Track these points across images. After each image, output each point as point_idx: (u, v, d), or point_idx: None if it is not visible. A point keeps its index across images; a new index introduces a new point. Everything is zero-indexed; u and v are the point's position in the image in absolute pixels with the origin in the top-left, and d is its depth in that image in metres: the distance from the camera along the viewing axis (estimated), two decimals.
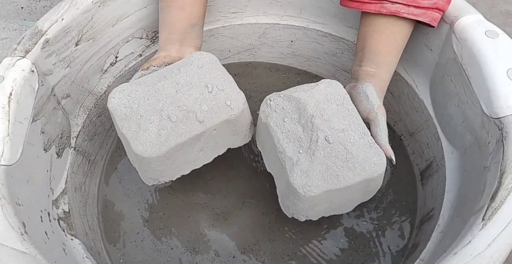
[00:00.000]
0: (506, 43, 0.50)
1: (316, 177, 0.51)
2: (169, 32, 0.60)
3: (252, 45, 0.80)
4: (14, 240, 0.41)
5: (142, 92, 0.54)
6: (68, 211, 0.58)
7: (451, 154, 0.59)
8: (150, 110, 0.53)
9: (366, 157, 0.52)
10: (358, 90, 0.57)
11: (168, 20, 0.60)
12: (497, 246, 0.39)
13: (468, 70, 0.52)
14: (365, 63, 0.58)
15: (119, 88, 0.55)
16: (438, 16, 0.55)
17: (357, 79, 0.59)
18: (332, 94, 0.55)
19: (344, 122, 0.54)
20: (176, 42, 0.60)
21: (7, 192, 0.45)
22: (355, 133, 0.53)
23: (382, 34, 0.57)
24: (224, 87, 0.55)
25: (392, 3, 0.54)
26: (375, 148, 0.53)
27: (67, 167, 0.61)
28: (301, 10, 0.74)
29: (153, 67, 0.59)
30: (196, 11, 0.60)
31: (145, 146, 0.52)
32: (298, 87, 0.57)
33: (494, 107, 0.47)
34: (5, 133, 0.47)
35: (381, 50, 0.57)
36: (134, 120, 0.53)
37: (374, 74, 0.57)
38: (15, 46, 0.54)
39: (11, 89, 0.49)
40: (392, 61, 0.58)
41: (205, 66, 0.56)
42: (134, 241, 0.65)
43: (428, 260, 0.52)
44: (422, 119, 0.66)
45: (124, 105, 0.53)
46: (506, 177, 0.43)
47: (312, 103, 0.54)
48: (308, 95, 0.55)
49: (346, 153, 0.52)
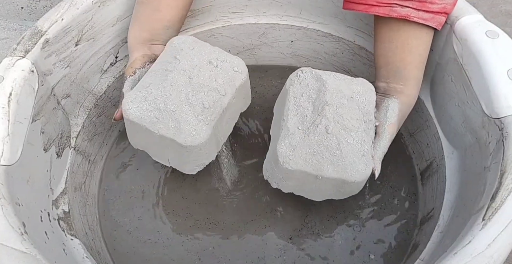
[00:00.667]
0: (507, 43, 0.50)
1: (299, 155, 0.53)
2: (139, 29, 0.59)
3: (252, 45, 0.80)
4: (14, 240, 0.41)
5: (158, 91, 0.54)
6: (68, 211, 0.58)
7: (451, 154, 0.59)
8: (178, 103, 0.54)
9: (353, 161, 0.53)
10: (383, 103, 0.58)
11: (140, 18, 0.59)
12: (497, 246, 0.39)
13: (468, 70, 0.52)
14: (392, 80, 0.58)
15: (129, 98, 0.55)
16: (443, 20, 0.55)
17: (384, 94, 0.59)
18: (360, 94, 0.57)
19: (354, 124, 0.55)
20: (146, 41, 0.60)
21: (7, 192, 0.45)
22: (357, 137, 0.54)
23: (406, 49, 0.56)
24: (223, 57, 0.58)
25: (402, 7, 0.53)
26: (366, 158, 0.54)
27: (67, 167, 0.61)
28: (301, 10, 0.74)
29: (138, 69, 0.59)
30: (172, 14, 0.59)
31: (193, 136, 0.54)
32: (335, 73, 0.58)
33: (495, 107, 0.47)
34: (5, 133, 0.47)
35: (407, 66, 0.57)
36: (169, 118, 0.54)
37: (402, 90, 0.58)
38: (15, 46, 0.54)
39: (11, 89, 0.49)
40: (419, 75, 0.58)
41: (195, 46, 0.58)
42: (134, 241, 0.65)
43: (428, 260, 0.52)
44: (422, 119, 0.66)
45: (148, 109, 0.54)
46: (506, 177, 0.43)
47: (334, 92, 0.56)
48: (336, 84, 0.56)
49: (337, 149, 0.53)
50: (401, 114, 0.58)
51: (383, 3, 0.54)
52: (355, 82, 0.57)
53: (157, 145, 0.57)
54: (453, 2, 0.54)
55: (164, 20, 0.59)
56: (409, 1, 0.53)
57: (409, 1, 0.53)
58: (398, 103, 0.57)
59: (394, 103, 0.57)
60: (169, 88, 0.55)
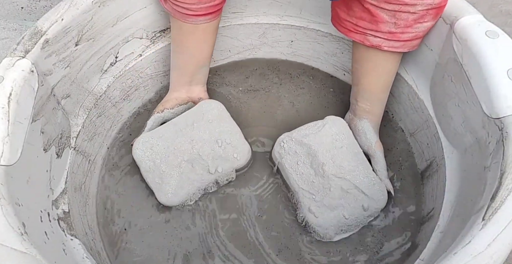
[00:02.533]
0: (506, 43, 0.50)
1: (330, 227, 0.62)
2: (179, 73, 0.68)
3: (252, 45, 0.80)
4: (14, 240, 0.41)
5: (163, 147, 0.65)
6: (68, 211, 0.58)
7: (451, 154, 0.59)
8: (170, 166, 0.65)
9: (372, 193, 0.62)
10: (357, 126, 0.66)
11: (179, 64, 0.67)
12: (497, 246, 0.39)
13: (468, 70, 0.52)
14: (360, 99, 0.65)
15: (142, 139, 0.66)
16: (418, 42, 0.57)
17: (355, 114, 0.67)
18: (337, 134, 0.64)
19: (352, 163, 0.63)
20: (186, 83, 0.69)
21: (7, 192, 0.45)
22: (362, 172, 0.63)
23: (373, 74, 0.61)
24: (231, 140, 0.66)
25: (374, 37, 0.57)
26: (378, 184, 0.63)
27: (67, 167, 0.61)
28: (301, 10, 0.74)
29: (167, 109, 0.68)
30: (204, 55, 0.66)
31: (167, 197, 0.64)
32: (306, 128, 0.66)
33: (494, 107, 0.47)
34: (5, 133, 0.47)
35: (373, 90, 0.63)
36: (157, 174, 0.65)
37: (369, 110, 0.64)
38: (15, 46, 0.54)
39: (11, 89, 0.49)
40: (384, 97, 0.64)
41: (215, 120, 0.67)
42: (134, 241, 0.65)
43: (428, 260, 0.52)
44: (422, 119, 0.66)
45: (148, 158, 0.65)
46: (506, 177, 0.43)
47: (322, 150, 0.63)
48: (318, 141, 0.64)
49: (358, 191, 0.62)
50: (376, 130, 0.66)
51: (359, 31, 0.58)
52: (329, 125, 0.65)
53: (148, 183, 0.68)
54: (428, 28, 0.55)
55: (199, 62, 0.67)
56: (380, 33, 0.56)
57: (380, 32, 0.56)
58: (368, 122, 0.65)
59: (366, 124, 0.65)
60: (171, 150, 0.65)
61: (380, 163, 0.64)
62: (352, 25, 0.57)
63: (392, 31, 0.54)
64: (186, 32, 0.62)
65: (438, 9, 0.53)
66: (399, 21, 0.53)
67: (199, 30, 0.62)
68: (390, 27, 0.54)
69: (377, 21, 0.54)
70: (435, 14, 0.53)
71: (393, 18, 0.53)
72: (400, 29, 0.54)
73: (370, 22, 0.55)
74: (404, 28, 0.54)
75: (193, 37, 0.63)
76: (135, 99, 0.76)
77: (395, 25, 0.54)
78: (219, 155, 0.65)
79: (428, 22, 0.54)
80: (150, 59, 0.73)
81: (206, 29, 0.62)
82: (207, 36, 0.64)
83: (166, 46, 0.73)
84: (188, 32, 0.62)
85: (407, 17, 0.52)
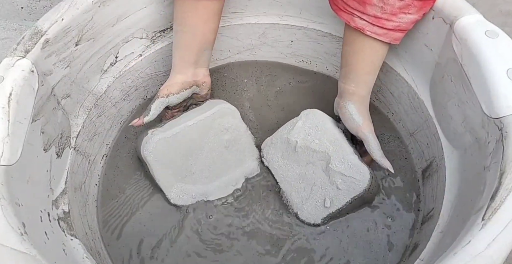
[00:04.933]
0: (506, 43, 0.50)
1: (312, 209, 0.65)
2: (182, 54, 0.66)
3: (252, 45, 0.80)
4: (14, 240, 0.41)
5: (174, 151, 0.66)
6: (68, 211, 0.58)
7: (451, 154, 0.59)
8: (179, 168, 0.67)
9: (352, 175, 0.62)
10: (343, 109, 0.65)
11: (182, 44, 0.66)
12: (497, 246, 0.39)
13: (468, 70, 0.52)
14: (346, 81, 0.64)
15: (157, 138, 0.64)
16: (400, 35, 0.58)
17: (340, 96, 0.66)
18: (311, 126, 0.66)
19: (329, 152, 0.64)
20: (191, 65, 0.67)
21: (7, 192, 0.45)
22: (337, 160, 0.63)
23: (359, 56, 0.61)
24: (240, 146, 0.70)
25: (360, 19, 0.57)
26: (356, 167, 0.62)
27: (67, 167, 0.61)
28: (301, 10, 0.74)
29: (172, 94, 0.66)
30: (207, 37, 0.65)
31: (177, 199, 0.67)
32: (283, 128, 0.69)
33: (494, 107, 0.47)
34: (5, 133, 0.47)
35: (359, 71, 0.62)
36: (168, 175, 0.66)
37: (354, 92, 0.64)
38: (15, 46, 0.54)
39: (11, 89, 0.49)
40: (369, 79, 0.63)
41: (230, 126, 0.69)
42: (134, 241, 0.65)
43: (428, 260, 0.52)
44: (422, 119, 0.66)
45: (159, 160, 0.65)
46: (506, 177, 0.43)
47: (301, 145, 0.66)
48: (301, 134, 0.66)
49: (339, 180, 0.63)
50: (362, 112, 0.64)
51: (347, 11, 0.58)
52: (301, 122, 0.66)
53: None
54: (412, 21, 0.56)
55: (201, 43, 0.65)
56: (366, 15, 0.56)
57: (366, 15, 0.56)
58: (353, 104, 0.64)
59: (351, 105, 0.64)
60: (183, 153, 0.66)
61: (372, 143, 0.62)
62: (343, 3, 0.58)
63: (378, 15, 0.55)
64: (187, 8, 0.62)
65: (423, 3, 0.54)
66: (386, 5, 0.54)
67: (200, 7, 0.62)
68: (376, 10, 0.55)
69: (365, 2, 0.55)
70: (419, 7, 0.54)
71: (380, 1, 0.54)
72: (386, 16, 0.55)
73: (359, 2, 0.56)
74: (389, 15, 0.55)
75: (194, 14, 0.62)
76: (135, 99, 0.76)
77: (381, 10, 0.55)
78: (227, 160, 0.69)
79: (412, 15, 0.55)
80: (150, 59, 0.73)
81: (207, 7, 0.62)
82: (208, 16, 0.63)
83: (166, 46, 0.73)
84: (189, 8, 0.62)
85: (393, 2, 0.53)
